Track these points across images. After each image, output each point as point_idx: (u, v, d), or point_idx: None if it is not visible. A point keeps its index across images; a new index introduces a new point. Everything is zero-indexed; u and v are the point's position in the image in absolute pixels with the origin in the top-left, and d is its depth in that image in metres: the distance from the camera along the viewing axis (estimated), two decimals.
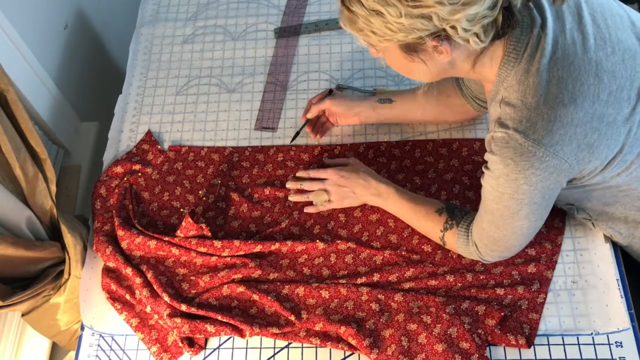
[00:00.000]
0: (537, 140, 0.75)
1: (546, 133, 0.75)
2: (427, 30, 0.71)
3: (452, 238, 1.00)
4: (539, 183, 0.79)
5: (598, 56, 0.77)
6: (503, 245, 0.92)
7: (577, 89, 0.75)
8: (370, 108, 1.15)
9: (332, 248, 1.08)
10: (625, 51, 0.78)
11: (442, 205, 1.02)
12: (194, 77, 1.35)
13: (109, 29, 1.74)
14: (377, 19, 0.72)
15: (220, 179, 1.19)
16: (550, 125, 0.75)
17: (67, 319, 1.16)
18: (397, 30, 0.72)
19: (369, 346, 0.96)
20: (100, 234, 1.13)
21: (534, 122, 0.75)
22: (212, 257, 1.08)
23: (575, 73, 0.75)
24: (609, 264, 1.02)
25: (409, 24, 0.70)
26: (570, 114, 0.75)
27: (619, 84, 0.77)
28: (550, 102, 0.75)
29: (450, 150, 1.17)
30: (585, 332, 0.97)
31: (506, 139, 0.78)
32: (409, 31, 0.72)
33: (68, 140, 1.47)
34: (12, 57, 1.25)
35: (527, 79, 0.76)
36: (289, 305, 1.02)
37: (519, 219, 0.86)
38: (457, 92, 1.10)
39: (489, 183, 0.85)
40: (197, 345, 1.02)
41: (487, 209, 0.89)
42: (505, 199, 0.83)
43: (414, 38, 0.73)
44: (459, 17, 0.69)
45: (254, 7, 1.46)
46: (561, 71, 0.75)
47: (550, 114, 0.75)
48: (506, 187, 0.81)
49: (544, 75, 0.75)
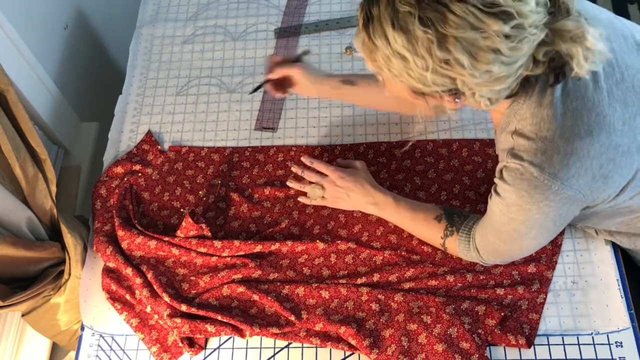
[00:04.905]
0: (553, 174, 0.74)
1: (562, 167, 0.74)
2: (446, 87, 0.69)
3: (453, 244, 0.99)
4: (551, 213, 0.79)
5: (608, 85, 0.75)
6: (507, 255, 0.93)
7: (593, 121, 0.73)
8: (332, 87, 1.09)
9: (332, 248, 1.08)
10: (634, 77, 0.77)
11: (440, 211, 1.01)
12: (194, 77, 1.35)
13: (109, 29, 1.74)
14: (400, 62, 0.68)
15: (220, 179, 1.19)
16: (566, 159, 0.73)
17: (67, 319, 1.16)
18: (416, 79, 0.69)
19: (369, 346, 0.96)
20: (101, 234, 1.13)
21: (550, 155, 0.74)
22: (212, 257, 1.08)
23: (589, 104, 0.73)
24: (609, 264, 1.02)
25: (432, 80, 0.68)
26: (586, 146, 0.73)
27: (632, 112, 0.76)
28: (567, 135, 0.73)
29: (450, 150, 1.17)
30: (585, 332, 0.97)
31: (521, 170, 0.76)
32: (428, 85, 0.69)
33: (68, 140, 1.47)
34: (12, 57, 1.25)
35: (541, 112, 0.74)
36: (289, 306, 1.02)
37: (526, 239, 0.85)
38: None
39: (499, 208, 0.83)
40: (197, 345, 1.02)
41: (494, 228, 0.88)
42: (515, 223, 0.83)
43: (430, 90, 0.71)
44: (484, 89, 0.68)
45: (254, 7, 1.46)
46: (575, 103, 0.73)
47: (566, 147, 0.73)
48: (517, 214, 0.81)
49: (559, 107, 0.73)
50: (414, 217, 1.03)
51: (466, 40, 0.63)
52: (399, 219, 1.06)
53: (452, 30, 0.63)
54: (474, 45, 0.63)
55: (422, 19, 0.64)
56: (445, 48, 0.64)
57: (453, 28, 0.63)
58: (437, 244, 1.03)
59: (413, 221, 1.04)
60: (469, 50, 0.64)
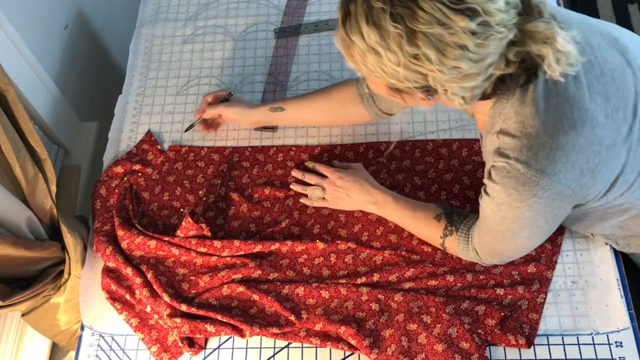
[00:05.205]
0: (539, 170, 0.75)
1: (549, 162, 0.74)
2: (418, 84, 0.71)
3: (452, 244, 0.99)
4: (541, 209, 0.79)
5: (589, 79, 0.76)
6: (504, 255, 0.93)
7: (576, 115, 0.74)
8: (263, 117, 1.17)
9: (332, 248, 1.08)
10: (613, 70, 0.78)
11: (440, 210, 1.01)
12: (194, 77, 1.35)
13: (109, 29, 1.75)
14: (374, 57, 0.70)
15: (220, 179, 1.19)
16: (552, 154, 0.74)
17: (67, 319, 1.16)
18: (389, 75, 0.71)
19: (369, 346, 0.96)
20: (100, 234, 1.13)
21: (536, 151, 0.75)
22: (212, 257, 1.08)
23: (570, 99, 0.75)
24: (609, 264, 1.02)
25: (404, 75, 0.70)
26: (571, 140, 0.74)
27: (614, 105, 0.77)
28: (551, 131, 0.74)
29: (450, 150, 1.17)
30: (585, 332, 0.98)
31: (507, 168, 0.77)
32: (401, 79, 0.71)
33: (68, 140, 1.47)
34: (12, 57, 1.25)
35: (524, 109, 0.76)
36: (289, 305, 1.02)
37: (520, 238, 0.86)
38: (355, 100, 1.09)
39: (490, 208, 0.84)
40: (197, 345, 1.02)
41: (488, 227, 0.89)
42: (507, 222, 0.83)
43: (404, 86, 0.73)
44: (454, 86, 0.70)
45: (254, 7, 1.46)
46: (557, 99, 0.75)
47: (551, 142, 0.74)
48: (508, 213, 0.81)
49: (541, 103, 0.75)
50: (414, 216, 1.03)
51: (434, 36, 0.65)
52: (398, 218, 1.06)
53: (421, 26, 0.65)
54: (442, 41, 0.65)
55: (394, 14, 0.66)
56: (414, 43, 0.66)
57: (421, 24, 0.65)
58: (436, 244, 1.03)
59: (413, 220, 1.04)
60: (437, 46, 0.66)
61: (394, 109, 1.09)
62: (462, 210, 1.03)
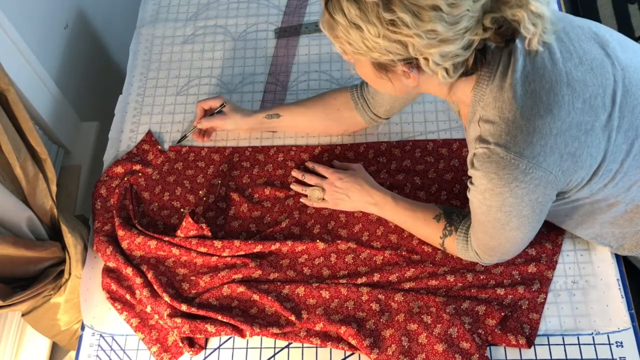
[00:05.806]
0: (518, 153, 0.76)
1: (527, 145, 0.76)
2: (401, 55, 0.73)
3: (452, 244, 1.00)
4: (525, 196, 0.80)
5: (567, 67, 0.78)
6: (500, 251, 0.93)
7: (552, 100, 0.76)
8: (258, 124, 1.20)
9: (332, 248, 1.08)
10: (592, 60, 0.79)
11: (439, 210, 1.02)
12: (194, 77, 1.35)
13: (109, 29, 1.75)
14: (356, 32, 0.73)
15: (220, 179, 1.19)
16: (530, 137, 0.76)
17: (67, 319, 1.16)
18: (372, 48, 0.74)
19: (369, 346, 0.96)
20: (101, 234, 1.13)
21: (514, 135, 0.76)
22: (213, 257, 1.08)
23: (547, 85, 0.76)
24: (609, 264, 1.02)
25: (385, 46, 0.72)
26: (548, 124, 0.75)
27: (592, 92, 0.78)
28: (527, 115, 0.76)
29: (451, 150, 1.17)
30: (585, 332, 0.97)
31: (487, 154, 0.78)
32: (383, 52, 0.73)
33: (68, 140, 1.47)
34: (13, 57, 1.25)
35: (502, 95, 0.77)
36: (290, 305, 1.02)
37: (510, 229, 0.86)
38: (349, 105, 1.12)
39: (476, 197, 0.85)
40: (198, 345, 1.02)
41: (478, 221, 0.90)
42: (493, 211, 0.84)
43: (386, 59, 0.75)
44: (433, 52, 0.71)
45: (254, 7, 1.46)
46: (534, 84, 0.76)
47: (528, 126, 0.75)
48: (492, 200, 0.82)
49: (518, 89, 0.76)
50: (414, 217, 1.04)
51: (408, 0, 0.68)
52: (398, 219, 1.06)
53: None
54: (415, 4, 0.68)
55: None
56: (390, 9, 0.69)
57: None
58: (436, 244, 1.03)
59: (412, 220, 1.04)
60: (411, 10, 0.68)
61: (389, 112, 1.10)
62: (461, 210, 1.03)
